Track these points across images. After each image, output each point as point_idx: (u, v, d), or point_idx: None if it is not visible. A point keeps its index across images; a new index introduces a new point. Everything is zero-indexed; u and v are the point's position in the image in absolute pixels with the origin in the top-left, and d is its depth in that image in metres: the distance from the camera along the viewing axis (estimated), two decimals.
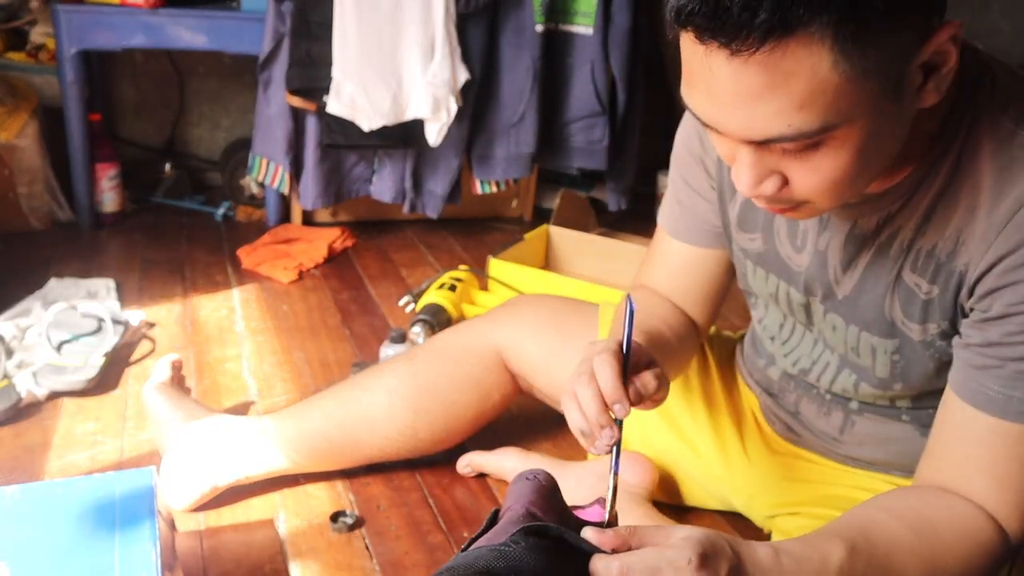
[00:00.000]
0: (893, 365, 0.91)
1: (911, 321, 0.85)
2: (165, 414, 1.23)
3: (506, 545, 0.66)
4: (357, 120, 1.93)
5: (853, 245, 0.87)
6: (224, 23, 2.04)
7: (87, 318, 1.56)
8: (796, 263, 0.93)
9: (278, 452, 1.19)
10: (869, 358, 0.92)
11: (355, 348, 1.68)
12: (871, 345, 0.91)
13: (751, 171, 0.71)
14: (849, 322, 0.91)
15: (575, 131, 2.20)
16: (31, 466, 1.25)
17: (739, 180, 0.72)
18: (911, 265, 0.83)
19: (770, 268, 0.96)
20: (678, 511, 1.19)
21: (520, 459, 1.24)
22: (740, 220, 0.97)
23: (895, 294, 0.85)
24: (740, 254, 1.00)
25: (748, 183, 0.72)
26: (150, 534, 0.90)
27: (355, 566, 1.10)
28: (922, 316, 0.84)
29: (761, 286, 1.00)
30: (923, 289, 0.83)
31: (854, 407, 1.01)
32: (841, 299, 0.90)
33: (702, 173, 1.00)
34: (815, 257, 0.91)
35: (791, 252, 0.93)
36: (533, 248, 2.07)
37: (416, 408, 1.21)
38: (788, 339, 1.03)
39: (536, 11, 2.04)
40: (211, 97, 2.58)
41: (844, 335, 0.93)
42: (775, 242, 0.94)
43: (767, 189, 0.72)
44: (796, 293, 0.95)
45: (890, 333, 0.88)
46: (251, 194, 2.39)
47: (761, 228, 0.95)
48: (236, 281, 1.94)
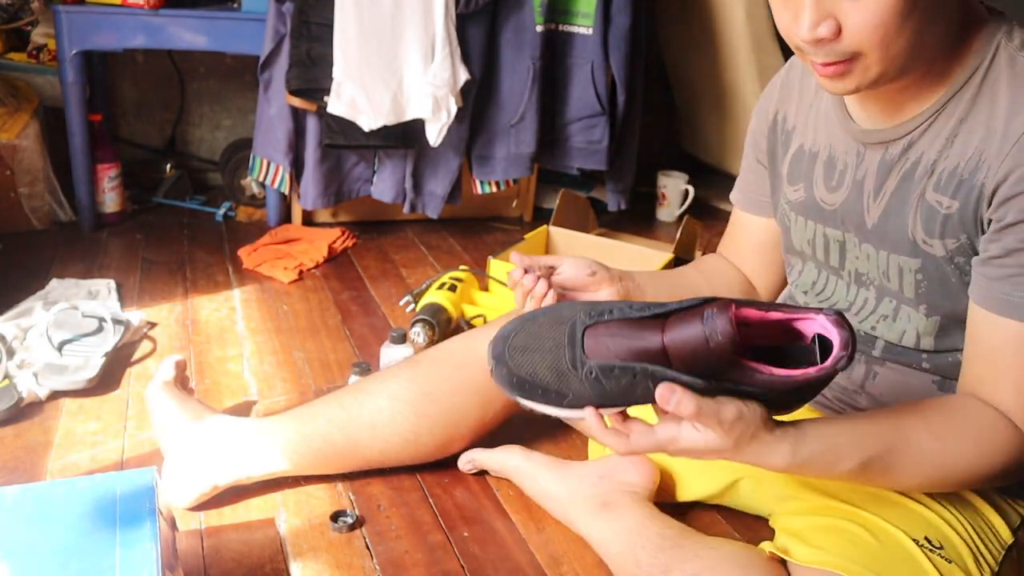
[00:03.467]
0: (917, 285, 0.96)
1: (932, 238, 0.91)
2: (168, 414, 1.23)
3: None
4: (358, 120, 1.93)
5: (883, 172, 0.95)
6: (225, 24, 2.05)
7: (88, 318, 1.56)
8: (829, 203, 1.03)
9: (279, 454, 1.19)
10: (897, 280, 0.98)
11: (355, 348, 1.68)
12: (899, 266, 0.96)
13: (812, 11, 0.80)
14: (879, 248, 0.98)
15: (575, 131, 2.20)
16: (32, 466, 1.26)
17: (801, 24, 0.81)
18: (934, 185, 0.90)
19: (809, 214, 1.06)
20: (679, 511, 1.19)
21: (522, 457, 1.25)
22: (789, 174, 1.08)
23: (918, 214, 0.92)
24: (785, 208, 1.10)
25: (808, 23, 0.80)
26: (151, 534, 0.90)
27: (355, 566, 1.10)
28: (941, 231, 0.90)
29: (799, 236, 1.09)
30: (944, 205, 0.89)
31: (877, 354, 1.04)
32: (871, 228, 0.98)
33: (754, 146, 1.16)
34: (852, 190, 0.99)
35: (825, 195, 1.03)
36: (533, 248, 2.07)
37: (418, 414, 1.21)
38: (822, 290, 1.10)
39: (536, 11, 2.04)
40: (212, 97, 2.58)
41: (876, 262, 0.99)
42: (813, 189, 1.05)
43: (824, 31, 0.80)
44: (832, 231, 1.04)
45: (914, 252, 0.94)
46: (252, 194, 2.39)
47: (803, 178, 1.06)
48: (237, 281, 1.95)
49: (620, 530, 1.07)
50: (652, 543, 1.03)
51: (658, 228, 2.54)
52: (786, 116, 1.10)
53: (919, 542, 0.89)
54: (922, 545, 0.89)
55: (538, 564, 1.13)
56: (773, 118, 1.12)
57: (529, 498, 1.24)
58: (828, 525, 0.96)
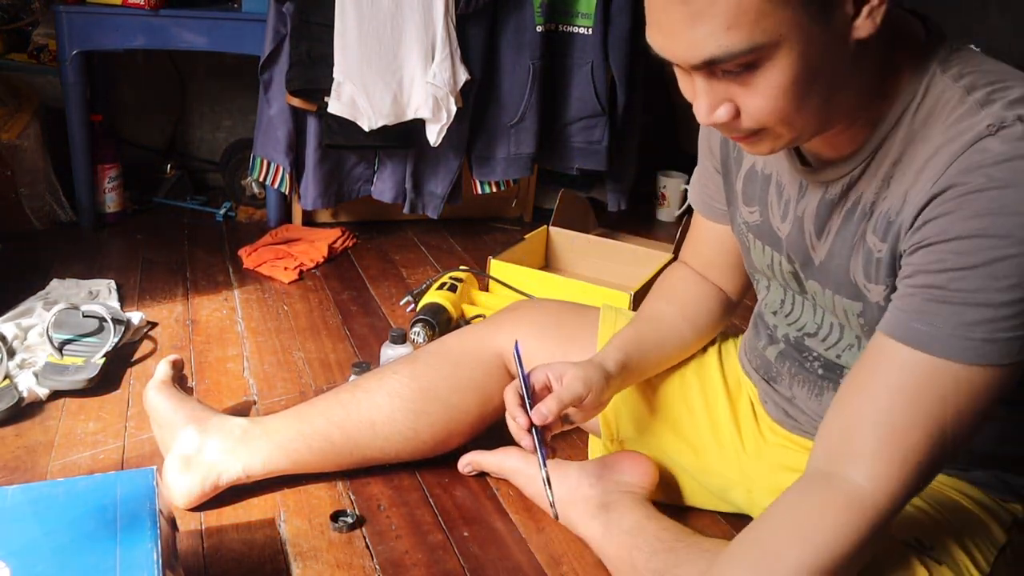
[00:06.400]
0: (861, 327, 0.93)
1: (869, 282, 0.88)
2: (167, 414, 1.23)
3: None
4: (358, 120, 1.93)
5: (825, 211, 0.91)
6: (225, 24, 2.05)
7: (88, 318, 1.56)
8: (783, 232, 0.98)
9: (279, 453, 1.19)
10: (844, 319, 0.95)
11: (355, 348, 1.68)
12: (843, 308, 0.93)
13: (705, 98, 0.78)
14: (825, 287, 0.95)
15: (575, 132, 2.20)
16: (32, 466, 1.26)
17: (698, 110, 0.79)
18: (872, 228, 0.86)
19: (765, 239, 1.02)
20: (678, 511, 1.20)
21: (521, 458, 1.25)
22: (744, 193, 1.04)
23: (858, 256, 0.88)
24: (743, 227, 1.05)
25: (704, 110, 0.78)
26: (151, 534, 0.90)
27: (355, 565, 1.10)
28: (876, 275, 0.86)
29: (759, 258, 1.05)
30: (877, 248, 0.85)
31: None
32: (817, 265, 0.94)
33: (709, 154, 1.10)
34: (795, 224, 0.95)
35: (779, 223, 0.98)
36: (533, 248, 2.07)
37: (417, 410, 1.21)
38: (790, 312, 1.07)
39: (536, 12, 2.04)
40: (212, 98, 2.59)
41: (823, 300, 0.97)
42: (768, 213, 1.00)
43: (721, 115, 0.78)
44: (785, 262, 1.00)
45: (856, 295, 0.91)
46: (252, 194, 2.39)
47: (758, 201, 1.01)
48: (237, 281, 1.95)
49: (617, 532, 1.08)
50: (648, 546, 1.03)
51: (658, 228, 2.54)
52: None
53: (910, 543, 0.89)
54: (913, 546, 0.89)
55: (538, 564, 1.13)
56: (714, 138, 1.08)
57: (529, 498, 1.24)
58: None
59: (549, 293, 1.79)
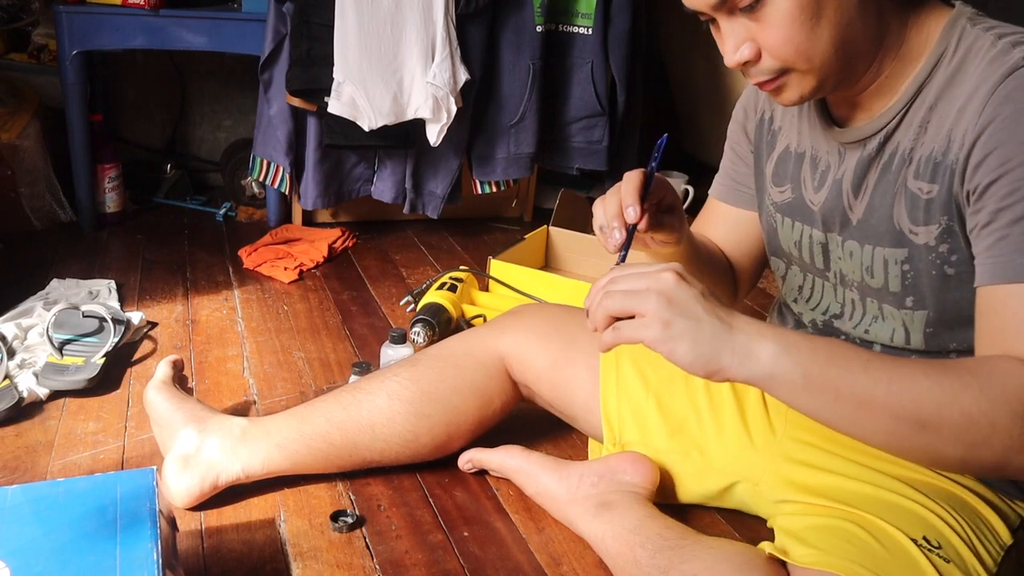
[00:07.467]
0: (903, 276, 0.96)
1: (917, 226, 0.92)
2: (166, 414, 1.23)
3: None
4: (358, 120, 1.93)
5: (862, 169, 0.96)
6: (225, 24, 2.05)
7: (88, 318, 1.57)
8: (815, 202, 1.03)
9: (279, 452, 1.19)
10: (882, 274, 0.98)
11: (355, 348, 1.68)
12: (883, 258, 0.97)
13: (729, 39, 0.86)
14: (864, 243, 0.98)
15: (575, 131, 2.20)
16: (32, 466, 1.26)
17: (725, 54, 0.87)
18: (914, 173, 0.91)
19: (795, 215, 1.07)
20: (678, 510, 1.19)
21: (521, 457, 1.25)
22: (775, 175, 1.09)
23: (901, 203, 0.93)
24: (771, 208, 1.11)
25: (730, 50, 0.87)
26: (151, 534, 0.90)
27: (355, 565, 1.10)
28: (926, 218, 0.90)
29: (787, 237, 1.09)
30: (925, 191, 0.90)
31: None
32: (855, 224, 0.98)
33: (744, 139, 1.17)
34: (832, 189, 1.00)
35: (812, 195, 1.04)
36: (533, 248, 2.07)
37: (417, 413, 1.21)
38: (810, 296, 1.10)
39: (536, 12, 2.04)
40: (212, 98, 2.59)
41: (860, 258, 0.99)
42: (801, 189, 1.05)
43: (744, 53, 0.86)
44: (817, 232, 1.04)
45: (899, 242, 0.94)
46: (252, 194, 2.39)
47: (790, 179, 1.07)
48: (237, 281, 1.95)
49: (619, 530, 1.07)
50: (651, 543, 1.03)
51: None
52: (772, 117, 1.11)
53: (918, 542, 0.89)
54: (920, 545, 0.89)
55: (538, 564, 1.13)
56: (760, 117, 1.14)
57: (529, 498, 1.24)
58: (827, 525, 0.96)
59: (549, 293, 1.79)
